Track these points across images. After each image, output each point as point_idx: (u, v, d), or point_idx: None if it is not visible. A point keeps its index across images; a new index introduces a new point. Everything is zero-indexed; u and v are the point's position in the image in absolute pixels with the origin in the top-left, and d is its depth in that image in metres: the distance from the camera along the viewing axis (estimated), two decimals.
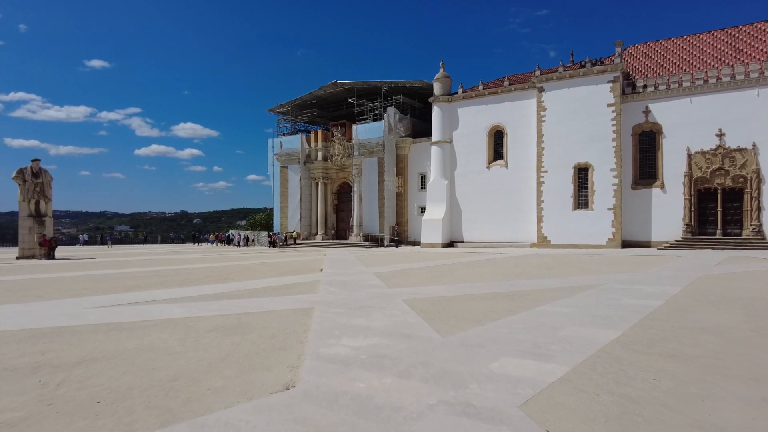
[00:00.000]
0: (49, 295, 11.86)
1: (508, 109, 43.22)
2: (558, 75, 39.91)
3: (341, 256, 29.77)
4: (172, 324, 8.03)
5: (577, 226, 39.14)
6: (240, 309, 9.54)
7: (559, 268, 19.93)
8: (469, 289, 12.75)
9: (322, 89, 52.94)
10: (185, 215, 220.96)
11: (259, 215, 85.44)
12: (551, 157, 40.19)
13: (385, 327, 7.57)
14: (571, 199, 39.64)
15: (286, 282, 14.86)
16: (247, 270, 19.73)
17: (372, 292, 11.96)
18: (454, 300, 10.68)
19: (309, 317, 8.56)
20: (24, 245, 30.94)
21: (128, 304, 10.35)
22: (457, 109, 45.35)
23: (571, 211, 39.65)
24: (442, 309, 9.38)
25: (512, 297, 11.20)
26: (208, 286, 13.63)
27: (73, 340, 6.85)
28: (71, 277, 17.09)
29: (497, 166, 43.69)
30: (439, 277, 16.27)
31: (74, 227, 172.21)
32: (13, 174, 31.32)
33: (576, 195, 39.59)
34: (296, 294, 11.90)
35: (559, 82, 40.06)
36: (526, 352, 5.95)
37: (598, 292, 11.94)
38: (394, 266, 21.32)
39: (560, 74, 39.81)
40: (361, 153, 49.54)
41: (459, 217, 45.11)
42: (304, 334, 7.13)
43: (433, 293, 11.80)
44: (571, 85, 39.69)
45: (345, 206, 54.73)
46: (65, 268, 21.61)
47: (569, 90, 39.77)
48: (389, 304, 9.94)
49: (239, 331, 7.40)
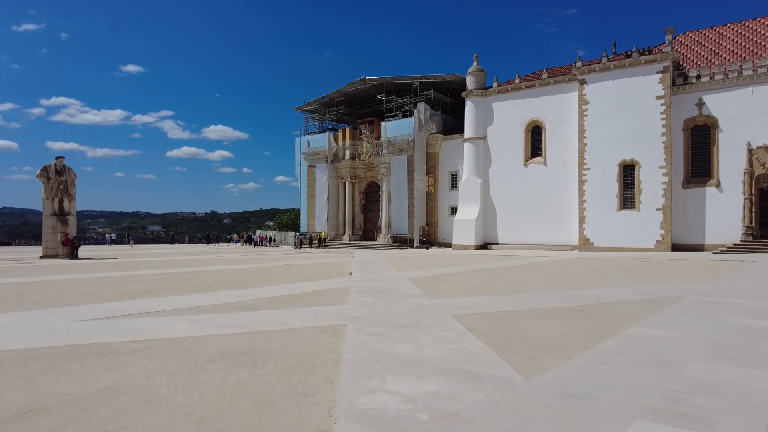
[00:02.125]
0: (46, 303, 10.42)
1: (547, 103, 40.71)
2: (601, 66, 37.25)
3: (370, 258, 28.03)
4: (169, 347, 6.35)
5: (622, 227, 36.41)
6: (255, 325, 7.83)
7: (614, 275, 17.71)
8: (525, 301, 10.76)
9: (350, 86, 51.36)
10: (215, 215, 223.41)
11: (286, 215, 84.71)
12: (594, 154, 37.54)
13: (442, 359, 5.71)
14: (615, 199, 36.92)
15: (311, 288, 13.14)
16: (269, 273, 18.14)
17: (412, 304, 10.10)
18: (515, 317, 8.74)
19: (340, 339, 6.76)
20: (47, 244, 30.24)
21: (127, 315, 8.77)
22: (491, 103, 43.06)
23: (615, 211, 36.93)
24: (506, 331, 7.46)
25: (584, 313, 9.19)
26: (223, 293, 12.02)
27: (33, 372, 5.23)
28: (81, 279, 15.80)
29: (535, 163, 41.22)
30: (483, 284, 14.29)
31: (108, 227, 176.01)
32: (37, 172, 30.67)
33: (621, 194, 36.85)
34: (323, 305, 10.15)
35: (603, 73, 37.38)
36: (665, 412, 4.00)
37: (686, 306, 9.81)
38: (428, 270, 19.42)
39: (604, 65, 37.15)
40: (390, 151, 47.72)
41: (493, 218, 42.78)
42: (334, 368, 5.33)
43: (485, 307, 9.86)
44: (616, 76, 36.98)
45: (373, 206, 53.02)
46: (81, 269, 20.48)
47: (613, 82, 37.07)
48: (437, 322, 8.07)
49: (250, 361, 5.66)
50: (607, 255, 31.95)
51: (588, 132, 37.87)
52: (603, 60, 37.20)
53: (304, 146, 56.58)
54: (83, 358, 5.78)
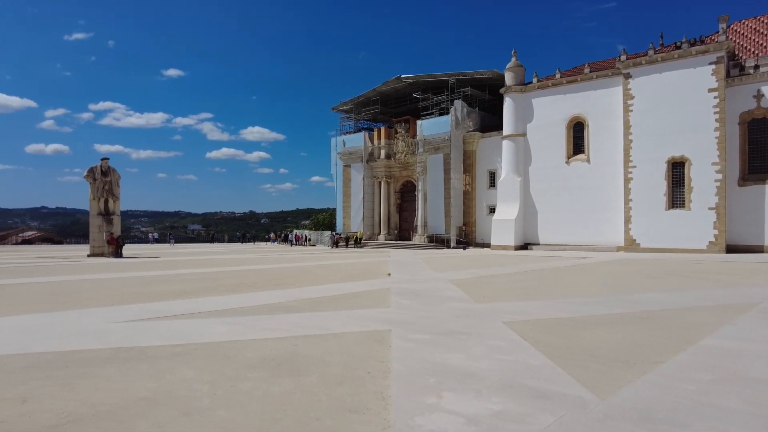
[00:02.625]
0: (89, 302, 10.48)
1: (590, 99, 39.21)
2: (648, 59, 35.56)
3: (407, 259, 27.59)
4: (209, 352, 6.11)
5: (671, 227, 34.66)
6: (296, 329, 7.53)
7: (668, 278, 16.68)
8: (578, 306, 10.09)
9: (385, 85, 51.01)
10: (253, 215, 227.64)
11: (322, 215, 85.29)
12: (640, 151, 35.88)
13: (500, 372, 5.22)
14: (663, 198, 35.19)
15: (350, 289, 12.83)
16: (306, 273, 17.97)
17: (457, 308, 9.61)
18: (571, 324, 8.13)
19: (386, 347, 6.37)
20: (94, 243, 31.19)
21: (167, 317, 8.64)
22: (531, 99, 41.84)
23: (663, 210, 35.19)
24: (565, 340, 6.89)
25: (645, 320, 8.49)
26: (262, 294, 11.85)
27: (73, 377, 5.05)
28: (124, 278, 16.01)
29: (577, 160, 39.78)
30: (530, 288, 13.64)
31: (151, 226, 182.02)
32: (85, 173, 31.68)
33: (669, 193, 35.09)
34: (364, 308, 9.79)
35: (649, 66, 35.68)
36: None
37: (764, 315, 8.95)
38: (469, 272, 18.82)
39: (650, 58, 35.44)
40: (426, 150, 47.08)
41: (534, 218, 41.56)
42: (383, 380, 4.93)
43: (537, 313, 9.27)
44: (664, 69, 35.23)
45: (408, 206, 52.54)
46: (124, 268, 20.88)
47: (661, 75, 35.33)
48: (487, 329, 7.57)
49: (293, 369, 5.33)
50: (655, 256, 30.46)
51: (634, 128, 36.25)
52: (650, 52, 35.49)
53: (339, 146, 56.65)
54: (123, 363, 5.59)
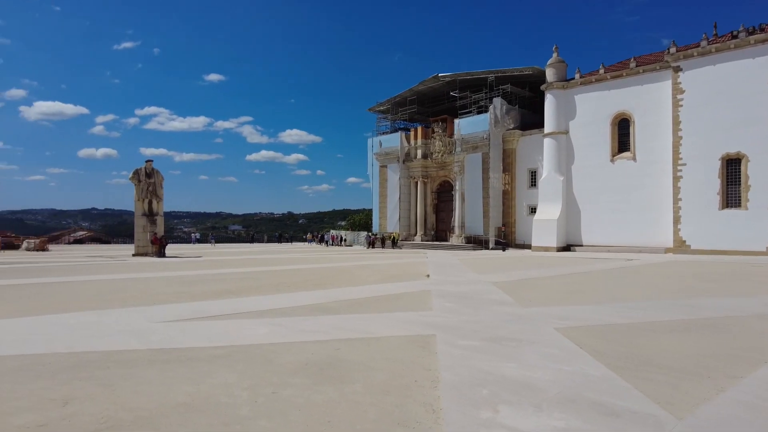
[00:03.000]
0: (132, 301, 10.60)
1: (636, 94, 37.64)
2: (700, 50, 33.82)
3: (445, 260, 27.12)
4: (249, 355, 5.94)
5: (725, 228, 32.83)
6: (337, 332, 7.30)
7: (727, 282, 15.67)
8: (633, 311, 9.47)
9: (422, 84, 50.61)
10: (291, 216, 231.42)
11: (358, 216, 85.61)
12: (691, 148, 34.17)
13: (559, 384, 4.81)
14: (717, 197, 33.38)
15: (390, 291, 12.55)
16: (345, 274, 17.82)
17: (503, 313, 9.18)
18: (628, 331, 7.57)
19: (431, 353, 6.04)
20: (138, 243, 32.10)
21: (209, 317, 8.59)
22: (573, 96, 40.55)
23: (717, 210, 33.40)
24: (624, 349, 6.38)
25: (711, 328, 7.84)
26: (303, 294, 11.72)
27: (114, 378, 4.96)
28: (167, 278, 16.28)
29: (623, 158, 38.26)
30: (579, 291, 13.00)
31: (194, 226, 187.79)
32: (130, 175, 32.68)
33: (724, 191, 33.27)
34: (405, 310, 9.48)
35: (701, 58, 33.93)
36: None
37: None
38: (511, 274, 18.23)
39: (703, 49, 33.69)
40: (464, 149, 46.36)
41: (576, 218, 40.23)
42: (432, 390, 4.61)
43: (589, 318, 8.73)
44: (718, 61, 33.43)
45: (445, 206, 51.91)
46: (167, 267, 21.32)
47: (715, 67, 33.54)
48: (538, 335, 7.12)
49: (336, 375, 5.08)
50: (707, 259, 28.88)
51: (684, 124, 34.57)
52: (702, 43, 33.74)
53: (376, 146, 56.59)
54: (163, 365, 5.48)
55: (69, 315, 8.71)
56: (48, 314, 8.82)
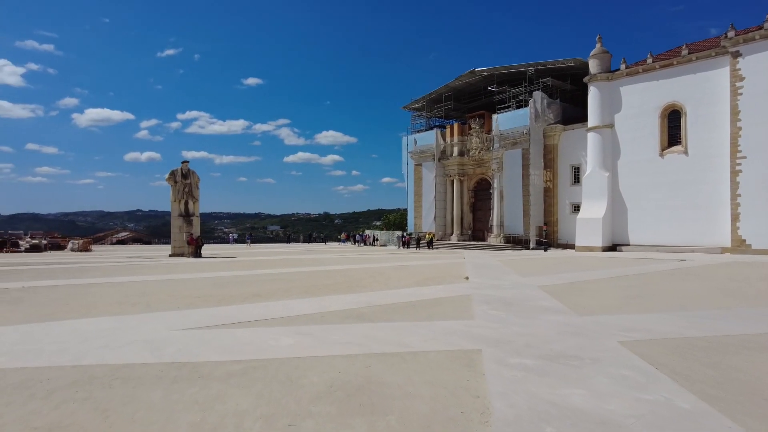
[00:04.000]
0: (157, 305, 10.12)
1: (687, 84, 35.29)
2: (762, 33, 31.31)
3: (483, 261, 25.96)
4: (269, 373, 5.21)
5: None
6: (369, 343, 6.50)
7: None
8: (709, 322, 8.26)
9: (458, 80, 49.32)
10: (327, 216, 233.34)
11: (393, 215, 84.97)
12: (751, 140, 31.69)
13: (641, 419, 3.84)
14: None
15: (426, 295, 11.67)
16: (380, 275, 17.03)
17: (556, 322, 8.16)
18: (710, 347, 6.45)
19: (478, 374, 5.15)
20: (175, 243, 32.32)
21: (232, 324, 7.96)
22: (619, 88, 38.45)
23: None
24: (711, 371, 5.31)
25: None
26: (333, 298, 11.00)
27: (112, 402, 4.32)
28: (198, 279, 15.91)
29: (673, 153, 35.96)
30: (636, 297, 11.76)
31: (233, 227, 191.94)
32: (166, 176, 32.96)
33: None
34: (445, 318, 8.59)
35: (764, 42, 31.40)
36: None
37: None
38: (558, 276, 17.00)
39: (766, 31, 31.16)
40: (502, 145, 44.84)
41: (623, 216, 38.13)
42: (483, 427, 3.74)
43: (658, 329, 7.61)
44: None
45: (482, 204, 50.44)
46: (201, 268, 21.10)
47: None
48: (603, 351, 6.11)
49: (367, 403, 4.27)
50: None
51: (743, 114, 32.10)
52: (766, 25, 31.21)
53: (410, 145, 55.67)
54: (170, 385, 4.81)
55: (88, 321, 8.26)
56: (68, 319, 8.41)
